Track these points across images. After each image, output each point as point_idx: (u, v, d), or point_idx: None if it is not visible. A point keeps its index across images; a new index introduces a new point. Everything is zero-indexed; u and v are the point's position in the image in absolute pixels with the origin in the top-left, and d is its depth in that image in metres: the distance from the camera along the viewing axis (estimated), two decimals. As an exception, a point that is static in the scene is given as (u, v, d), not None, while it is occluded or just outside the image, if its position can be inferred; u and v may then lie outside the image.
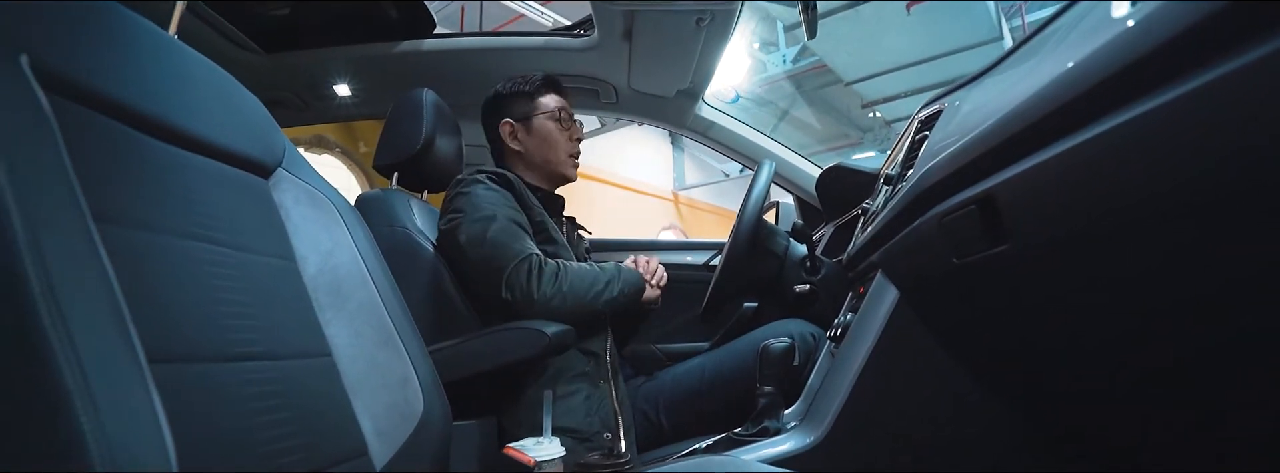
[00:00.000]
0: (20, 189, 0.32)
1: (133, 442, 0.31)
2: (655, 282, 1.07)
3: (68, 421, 0.28)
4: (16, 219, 0.31)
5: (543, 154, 1.11)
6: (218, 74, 0.64)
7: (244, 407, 0.47)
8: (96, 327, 0.32)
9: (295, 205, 0.67)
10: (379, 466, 0.61)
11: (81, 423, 0.28)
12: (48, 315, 0.30)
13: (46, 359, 0.29)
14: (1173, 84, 0.31)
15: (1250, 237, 0.31)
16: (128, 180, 0.45)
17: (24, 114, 0.35)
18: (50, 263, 0.31)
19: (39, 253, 0.31)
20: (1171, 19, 0.31)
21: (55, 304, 0.30)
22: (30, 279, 0.30)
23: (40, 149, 0.35)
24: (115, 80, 0.47)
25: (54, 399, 0.28)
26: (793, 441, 0.74)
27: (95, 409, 0.29)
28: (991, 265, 0.50)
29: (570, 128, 1.13)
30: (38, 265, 0.31)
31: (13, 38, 0.39)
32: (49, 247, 0.32)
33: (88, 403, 0.29)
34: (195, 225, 0.51)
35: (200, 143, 0.56)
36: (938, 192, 0.57)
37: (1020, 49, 0.58)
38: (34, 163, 0.34)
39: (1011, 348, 0.59)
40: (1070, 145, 0.37)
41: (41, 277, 0.30)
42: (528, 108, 1.12)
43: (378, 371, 0.64)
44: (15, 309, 0.29)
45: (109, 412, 0.30)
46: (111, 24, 0.51)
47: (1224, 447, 0.47)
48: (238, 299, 0.52)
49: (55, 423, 0.28)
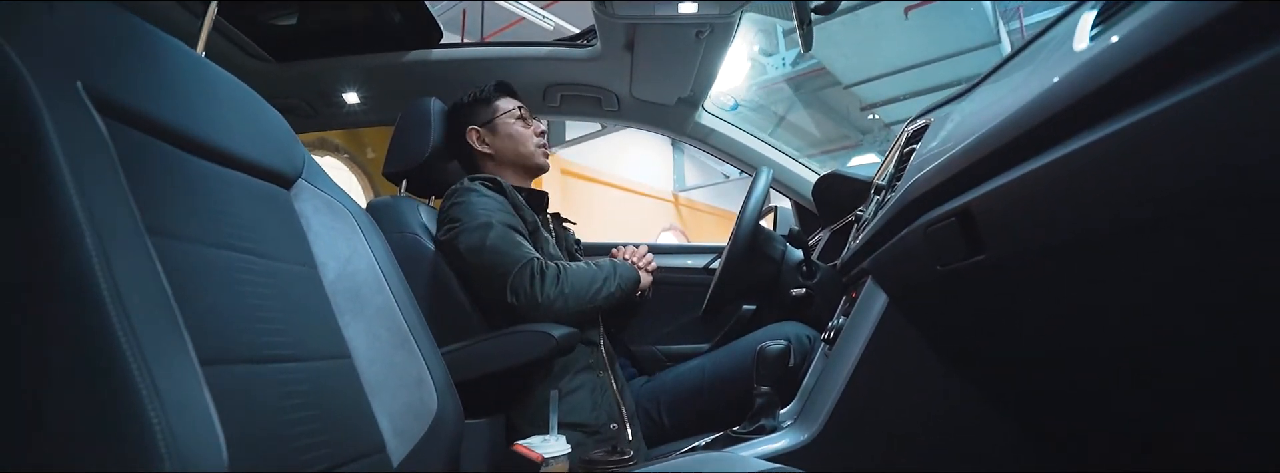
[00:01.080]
0: (90, 206, 0.35)
1: (193, 438, 0.34)
2: (644, 265, 1.13)
3: (139, 417, 0.32)
4: (88, 234, 0.35)
5: (513, 149, 1.17)
6: (242, 90, 0.67)
7: (276, 405, 0.51)
8: (158, 331, 0.36)
9: (315, 214, 0.71)
10: (396, 462, 0.64)
11: (151, 419, 0.32)
12: (118, 321, 0.33)
13: (118, 361, 0.32)
14: (1121, 115, 0.35)
15: (1189, 255, 0.35)
16: (171, 195, 0.49)
17: (88, 137, 0.39)
18: (117, 273, 0.35)
19: (108, 264, 0.35)
20: (1118, 57, 0.34)
21: (123, 311, 0.34)
22: (102, 288, 0.34)
23: (103, 169, 0.39)
24: (156, 101, 0.51)
25: (127, 398, 0.32)
26: (788, 438, 0.78)
27: (162, 407, 0.33)
28: (970, 274, 0.53)
29: (531, 123, 1.19)
30: (107, 275, 0.34)
31: (69, 65, 0.43)
32: (115, 258, 0.35)
33: (155, 401, 0.32)
34: (228, 235, 0.54)
35: (230, 157, 0.59)
36: (923, 203, 0.60)
37: (1000, 69, 0.61)
38: (99, 182, 0.38)
39: (992, 350, 0.63)
40: (1034, 167, 0.41)
41: (110, 285, 0.34)
42: (488, 112, 1.18)
43: (395, 371, 0.67)
44: (89, 315, 0.33)
45: (173, 409, 0.33)
46: (150, 47, 0.55)
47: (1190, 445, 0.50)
48: (266, 304, 0.56)
49: (129, 419, 0.32)
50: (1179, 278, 0.36)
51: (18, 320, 0.33)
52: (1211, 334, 0.38)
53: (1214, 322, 0.38)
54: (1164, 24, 0.32)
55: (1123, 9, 0.37)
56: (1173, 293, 0.37)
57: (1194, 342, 0.39)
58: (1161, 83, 0.32)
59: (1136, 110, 0.34)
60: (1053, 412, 0.64)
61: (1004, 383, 0.67)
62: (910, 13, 4.56)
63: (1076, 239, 0.41)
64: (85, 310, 0.33)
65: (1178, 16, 0.31)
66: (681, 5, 1.07)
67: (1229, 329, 0.37)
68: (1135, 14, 0.35)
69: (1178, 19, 0.30)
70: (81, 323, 0.33)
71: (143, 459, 0.32)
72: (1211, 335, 0.38)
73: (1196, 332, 0.39)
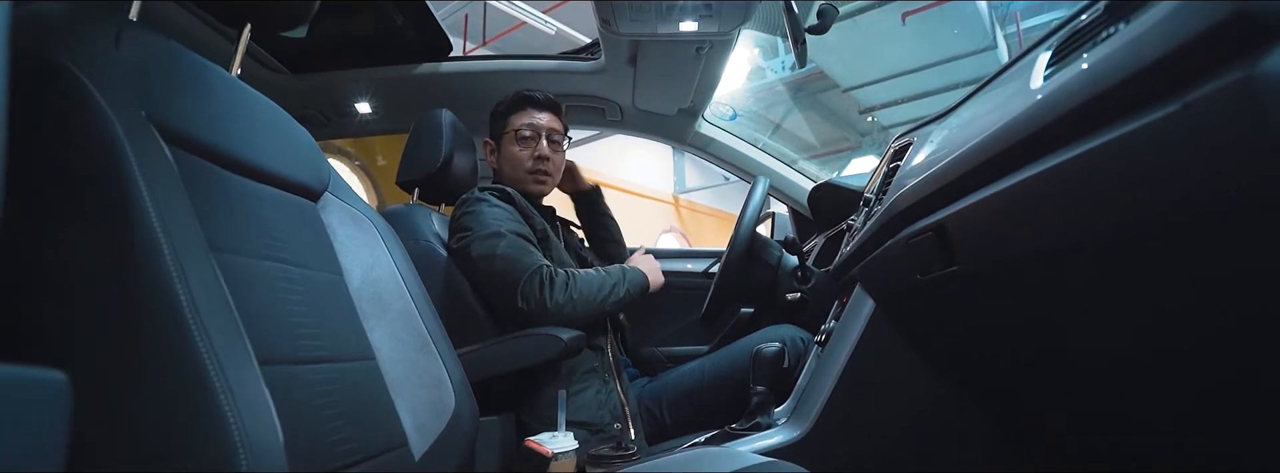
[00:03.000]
0: (167, 226, 0.41)
1: (259, 432, 0.39)
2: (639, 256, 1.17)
3: (217, 413, 0.37)
4: (166, 250, 0.40)
5: (507, 172, 1.20)
6: (275, 111, 0.72)
7: (314, 403, 0.56)
8: (228, 336, 0.41)
9: (341, 226, 0.76)
10: (417, 456, 0.68)
11: (227, 416, 0.37)
12: (196, 328, 0.38)
13: (199, 364, 0.38)
14: (1066, 148, 0.40)
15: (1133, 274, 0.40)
16: (222, 212, 0.54)
17: (159, 164, 0.44)
18: (192, 285, 0.40)
19: (185, 277, 0.40)
20: (1065, 97, 0.40)
21: (200, 318, 0.39)
22: (181, 298, 0.39)
23: (173, 193, 0.44)
24: (206, 126, 0.56)
25: (207, 397, 0.37)
26: (782, 434, 0.82)
27: (236, 404, 0.38)
28: (946, 283, 0.58)
29: (533, 146, 1.17)
30: (184, 287, 0.39)
31: (137, 96, 0.48)
32: (190, 272, 0.40)
33: (230, 399, 0.38)
34: (268, 247, 0.59)
35: (267, 174, 0.64)
36: (905, 217, 0.65)
37: (974, 95, 0.66)
38: (171, 205, 0.43)
39: (968, 353, 0.68)
40: (997, 189, 0.46)
41: (188, 296, 0.39)
42: (499, 128, 1.20)
43: (415, 372, 0.72)
44: (172, 322, 0.38)
45: (244, 406, 0.38)
46: (197, 75, 0.60)
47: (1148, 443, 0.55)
48: (302, 310, 0.61)
49: (209, 415, 0.37)
50: (1120, 291, 0.41)
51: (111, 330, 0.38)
52: (1154, 339, 0.44)
53: (1156, 328, 0.43)
54: (1102, 72, 0.37)
55: (1068, 56, 0.42)
56: (1116, 304, 0.43)
57: (1139, 347, 0.45)
58: (1099, 122, 0.37)
59: (1080, 144, 0.39)
60: (1026, 414, 0.69)
61: (981, 385, 0.73)
62: (908, 18, 4.62)
63: (1033, 255, 0.46)
64: (169, 319, 0.38)
65: (1110, 67, 0.36)
66: (682, 24, 1.12)
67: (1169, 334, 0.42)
68: (1079, 60, 0.40)
69: (1109, 70, 0.36)
70: (166, 330, 0.38)
71: (220, 449, 0.37)
72: (1154, 340, 0.44)
73: (1141, 338, 0.44)
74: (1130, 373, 0.45)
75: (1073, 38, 0.44)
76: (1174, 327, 0.39)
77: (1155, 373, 0.43)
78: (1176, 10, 0.30)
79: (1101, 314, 0.44)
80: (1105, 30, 0.39)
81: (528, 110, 1.19)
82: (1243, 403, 0.41)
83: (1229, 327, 0.36)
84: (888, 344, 0.77)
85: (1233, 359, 0.37)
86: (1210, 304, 0.35)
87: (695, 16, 1.10)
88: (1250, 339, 0.35)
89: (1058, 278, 0.45)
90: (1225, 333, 0.36)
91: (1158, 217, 0.33)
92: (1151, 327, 0.41)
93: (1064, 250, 0.42)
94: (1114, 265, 0.39)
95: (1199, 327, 0.38)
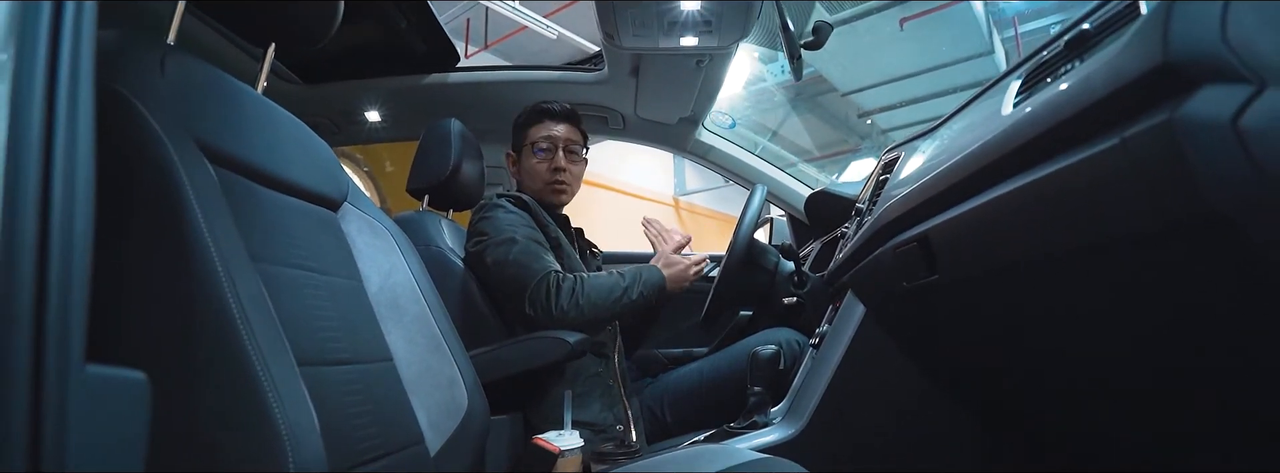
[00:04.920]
0: (217, 240, 0.45)
1: (302, 428, 0.43)
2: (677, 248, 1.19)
3: (267, 411, 0.41)
4: (217, 262, 0.44)
5: (527, 184, 1.22)
6: (298, 126, 0.76)
7: (340, 402, 0.60)
8: (272, 340, 0.45)
9: (359, 234, 0.80)
10: (433, 452, 0.72)
11: (276, 413, 0.41)
12: (246, 332, 0.43)
13: (249, 366, 0.42)
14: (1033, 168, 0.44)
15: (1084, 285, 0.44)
16: (257, 225, 0.58)
17: (207, 183, 0.48)
18: (241, 292, 0.44)
19: (233, 285, 0.44)
20: (1030, 125, 0.44)
21: (248, 324, 0.43)
22: (231, 305, 0.43)
23: (219, 209, 0.48)
24: (241, 144, 0.60)
25: (258, 396, 0.41)
26: (777, 432, 0.86)
27: (282, 403, 0.42)
28: (929, 291, 0.63)
29: (550, 158, 1.19)
30: (233, 294, 0.44)
31: (183, 119, 0.52)
32: (238, 281, 0.45)
33: (278, 398, 0.42)
34: (297, 256, 0.64)
35: (293, 187, 0.69)
36: (892, 228, 0.69)
37: (955, 115, 0.71)
38: (219, 219, 0.47)
39: (953, 356, 0.72)
40: (970, 206, 0.50)
41: (237, 303, 0.43)
42: (519, 140, 1.23)
43: (430, 373, 0.76)
44: (226, 328, 0.42)
45: (290, 405, 0.42)
46: (231, 95, 0.64)
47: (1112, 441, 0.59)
48: (327, 315, 0.65)
49: (260, 412, 0.41)
50: (1077, 300, 0.45)
51: (171, 336, 0.42)
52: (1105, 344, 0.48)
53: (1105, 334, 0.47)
54: (1059, 104, 0.41)
55: (1034, 86, 0.46)
56: (1074, 312, 0.47)
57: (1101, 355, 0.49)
58: (1058, 148, 0.42)
59: (1042, 167, 0.43)
60: (1005, 414, 0.73)
61: (965, 387, 0.77)
62: (906, 23, 4.66)
63: (1004, 266, 0.50)
64: (223, 325, 0.42)
65: (1066, 100, 0.40)
66: (683, 39, 1.16)
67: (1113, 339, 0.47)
68: (1042, 91, 0.45)
69: (1065, 103, 0.40)
70: (221, 335, 0.42)
71: (271, 445, 0.41)
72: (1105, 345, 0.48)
73: (1096, 343, 0.48)
74: (1091, 374, 0.50)
75: (1039, 69, 0.48)
76: (1117, 332, 0.43)
77: (1109, 373, 0.47)
78: (1119, 54, 0.35)
79: (1064, 322, 0.48)
80: (1065, 65, 0.43)
81: (545, 123, 1.21)
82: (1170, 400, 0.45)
83: (1156, 332, 0.40)
84: (877, 347, 0.81)
85: (1161, 359, 0.41)
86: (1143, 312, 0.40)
87: (696, 32, 1.15)
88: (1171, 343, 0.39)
89: (1027, 288, 0.49)
90: (1154, 337, 0.40)
91: (1102, 235, 0.38)
92: (1102, 333, 0.45)
93: (1029, 263, 0.46)
94: (1070, 277, 0.44)
95: (1135, 332, 0.42)
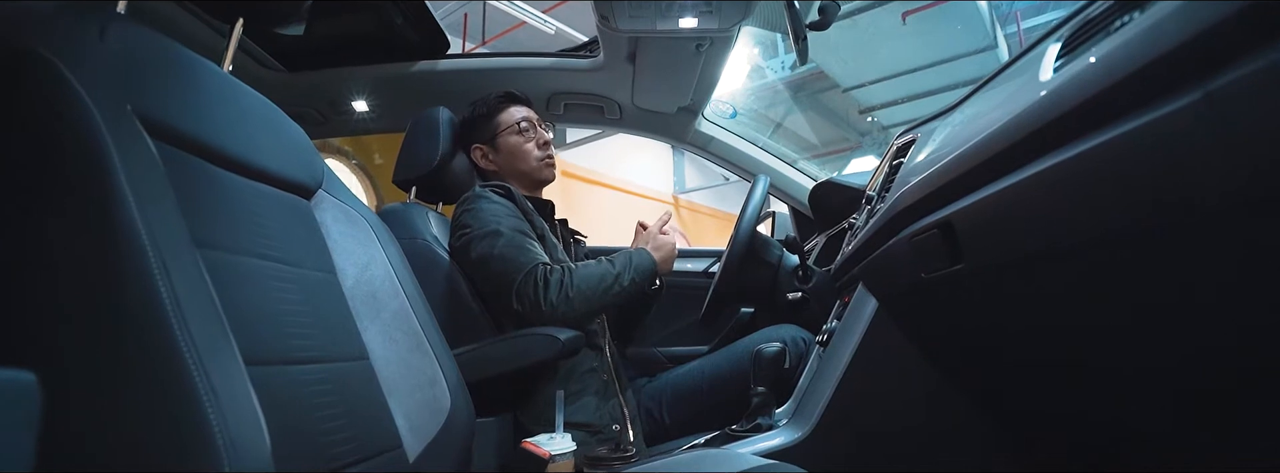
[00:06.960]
0: (149, 223, 0.39)
1: (243, 433, 0.38)
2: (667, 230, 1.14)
3: (199, 415, 0.36)
4: (149, 248, 0.38)
5: (514, 166, 1.19)
6: (267, 106, 0.71)
7: (307, 404, 0.55)
8: (211, 335, 0.39)
9: (335, 224, 0.74)
10: (412, 458, 0.67)
11: (209, 417, 0.36)
12: (177, 326, 0.37)
13: (180, 363, 0.36)
14: (1077, 141, 0.39)
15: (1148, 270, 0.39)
16: (211, 209, 0.52)
17: (143, 159, 0.43)
18: (175, 282, 0.39)
19: (167, 274, 0.38)
20: (1077, 89, 0.38)
21: (182, 317, 0.38)
22: (163, 296, 0.37)
23: (157, 189, 0.43)
24: (195, 121, 0.55)
25: (188, 397, 0.36)
26: (783, 436, 0.81)
27: (218, 404, 0.36)
28: (951, 282, 0.57)
29: (534, 136, 1.19)
30: (167, 285, 0.38)
31: (122, 90, 0.46)
32: (173, 269, 0.39)
33: (212, 399, 0.36)
34: (260, 245, 0.58)
35: (259, 171, 0.63)
36: (909, 215, 0.64)
37: (980, 90, 0.65)
38: (155, 201, 0.41)
39: (973, 353, 0.67)
40: (1006, 184, 0.45)
41: (170, 294, 0.38)
42: (490, 128, 1.20)
43: (410, 372, 0.71)
44: (154, 321, 0.37)
45: (227, 407, 0.37)
46: (185, 69, 0.59)
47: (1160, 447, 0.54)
48: (294, 310, 0.59)
49: (190, 417, 0.35)
50: (1134, 289, 0.40)
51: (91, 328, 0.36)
52: (1169, 343, 0.42)
53: (1170, 330, 0.41)
54: (1116, 61, 0.35)
55: (1079, 47, 0.41)
56: (1130, 302, 0.41)
57: (1154, 350, 0.43)
58: (1114, 114, 0.36)
59: (1094, 136, 0.37)
60: (1030, 415, 0.67)
61: (987, 386, 0.71)
62: (908, 18, 4.61)
63: (1044, 251, 0.44)
64: (150, 318, 0.37)
65: (1125, 56, 0.34)
66: (682, 21, 1.11)
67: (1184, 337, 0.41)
68: (1091, 51, 0.39)
69: (1125, 59, 0.34)
70: (147, 329, 0.36)
71: (201, 451, 0.35)
72: (1169, 344, 0.42)
73: (1157, 341, 0.43)
74: (1142, 374, 0.44)
75: (1083, 28, 0.42)
76: (1191, 326, 0.38)
77: (1168, 375, 0.42)
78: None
79: (1115, 313, 0.42)
80: (1118, 19, 0.38)
81: (514, 107, 1.21)
82: (1256, 405, 0.40)
83: (1251, 326, 0.34)
84: (891, 344, 0.76)
85: (1250, 361, 0.36)
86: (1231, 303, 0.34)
87: (695, 13, 1.09)
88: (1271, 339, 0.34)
89: (1069, 275, 0.44)
90: (1247, 332, 0.35)
91: (1178, 210, 0.32)
92: (1167, 326, 0.40)
93: (1077, 247, 0.41)
94: (1129, 262, 0.38)
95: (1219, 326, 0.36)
